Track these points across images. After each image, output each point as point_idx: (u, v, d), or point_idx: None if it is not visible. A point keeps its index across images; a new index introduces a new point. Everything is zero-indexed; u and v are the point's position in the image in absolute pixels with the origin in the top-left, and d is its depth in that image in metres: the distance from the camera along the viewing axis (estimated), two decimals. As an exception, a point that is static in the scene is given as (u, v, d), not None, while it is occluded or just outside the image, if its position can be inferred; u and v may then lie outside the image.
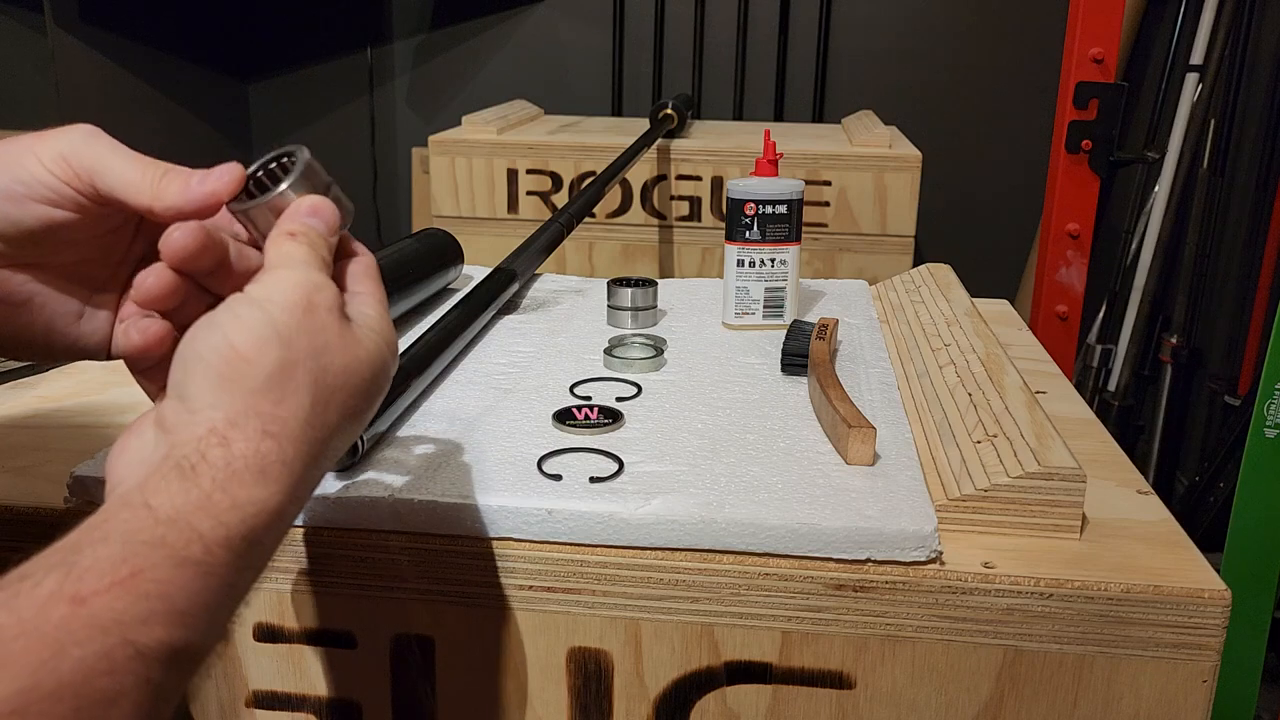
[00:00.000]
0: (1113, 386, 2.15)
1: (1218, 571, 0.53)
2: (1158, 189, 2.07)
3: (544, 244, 1.01)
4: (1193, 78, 2.02)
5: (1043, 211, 1.87)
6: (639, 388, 0.73)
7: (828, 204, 1.66)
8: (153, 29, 2.29)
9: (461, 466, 0.60)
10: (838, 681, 0.55)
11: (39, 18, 1.97)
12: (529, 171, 1.72)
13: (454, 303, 0.82)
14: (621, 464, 0.60)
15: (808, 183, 1.34)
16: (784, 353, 0.77)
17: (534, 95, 2.21)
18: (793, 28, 2.36)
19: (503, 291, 0.88)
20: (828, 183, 1.65)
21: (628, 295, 0.87)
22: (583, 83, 2.46)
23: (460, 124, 1.78)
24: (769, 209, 0.85)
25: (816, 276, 1.59)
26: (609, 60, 2.44)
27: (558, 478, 0.58)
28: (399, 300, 0.85)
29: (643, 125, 1.75)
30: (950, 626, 0.54)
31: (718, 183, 1.69)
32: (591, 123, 2.01)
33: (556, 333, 0.86)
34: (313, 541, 0.57)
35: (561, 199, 1.71)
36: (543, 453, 0.61)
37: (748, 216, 0.85)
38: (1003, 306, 1.03)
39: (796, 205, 0.86)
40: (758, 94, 2.41)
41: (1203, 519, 1.89)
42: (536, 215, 1.70)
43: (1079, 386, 2.08)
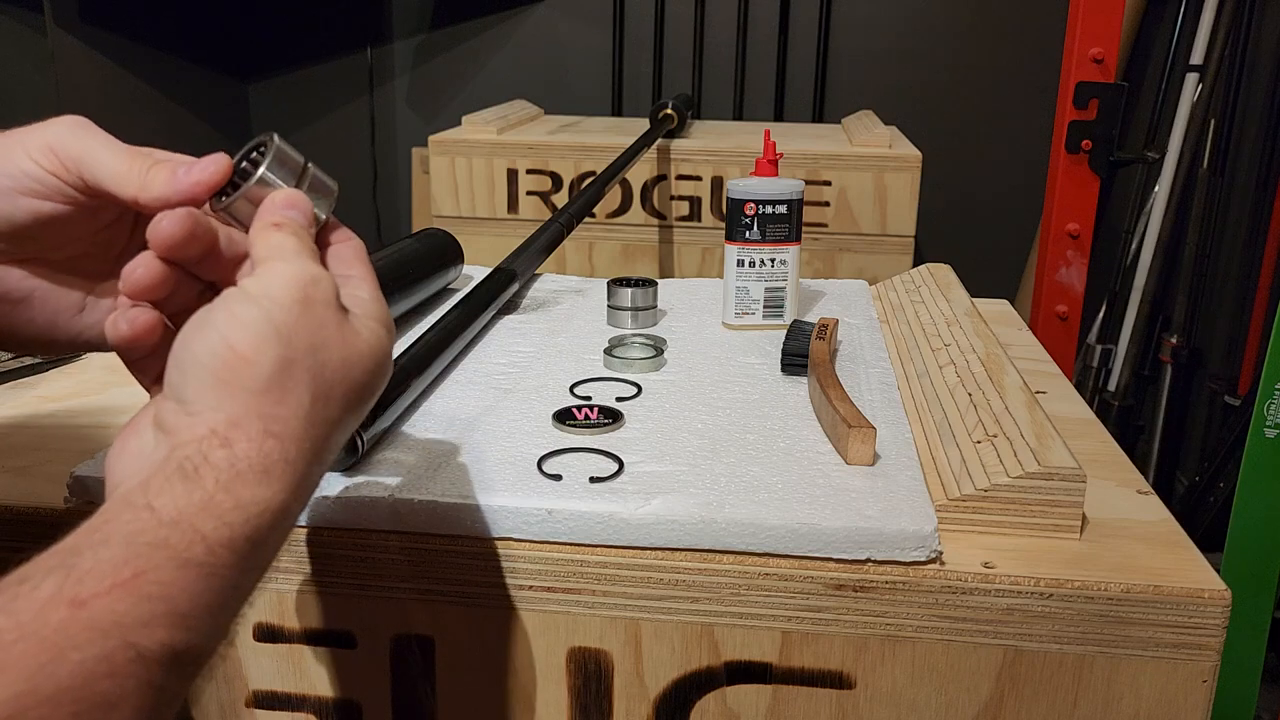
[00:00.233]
0: (1113, 386, 2.15)
1: (1218, 571, 0.53)
2: (1158, 189, 2.07)
3: (544, 244, 1.01)
4: (1193, 78, 2.02)
5: (1043, 211, 1.87)
6: (639, 388, 0.73)
7: (828, 204, 1.66)
8: (153, 29, 2.29)
9: (461, 466, 0.60)
10: (838, 681, 0.55)
11: (39, 18, 1.97)
12: (529, 171, 1.72)
13: (454, 303, 0.82)
14: (621, 464, 0.60)
15: (808, 183, 1.34)
16: (784, 353, 0.77)
17: (534, 95, 2.21)
18: (793, 28, 2.36)
19: (503, 291, 0.88)
20: (828, 183, 1.65)
21: (628, 295, 0.87)
22: (583, 83, 2.46)
23: (460, 124, 1.78)
24: (769, 209, 0.85)
25: (816, 276, 1.59)
26: (609, 60, 2.44)
27: (558, 478, 0.58)
28: (399, 300, 0.85)
29: (643, 125, 1.75)
30: (950, 626, 0.54)
31: (718, 183, 1.69)
32: (591, 123, 2.01)
33: (556, 333, 0.86)
34: (313, 541, 0.57)
35: (561, 199, 1.71)
36: (543, 453, 0.61)
37: (748, 216, 0.85)
38: (1003, 306, 1.03)
39: (796, 205, 0.86)
40: (758, 94, 2.41)
41: (1203, 519, 1.89)
42: (536, 215, 1.70)
43: (1079, 386, 2.07)
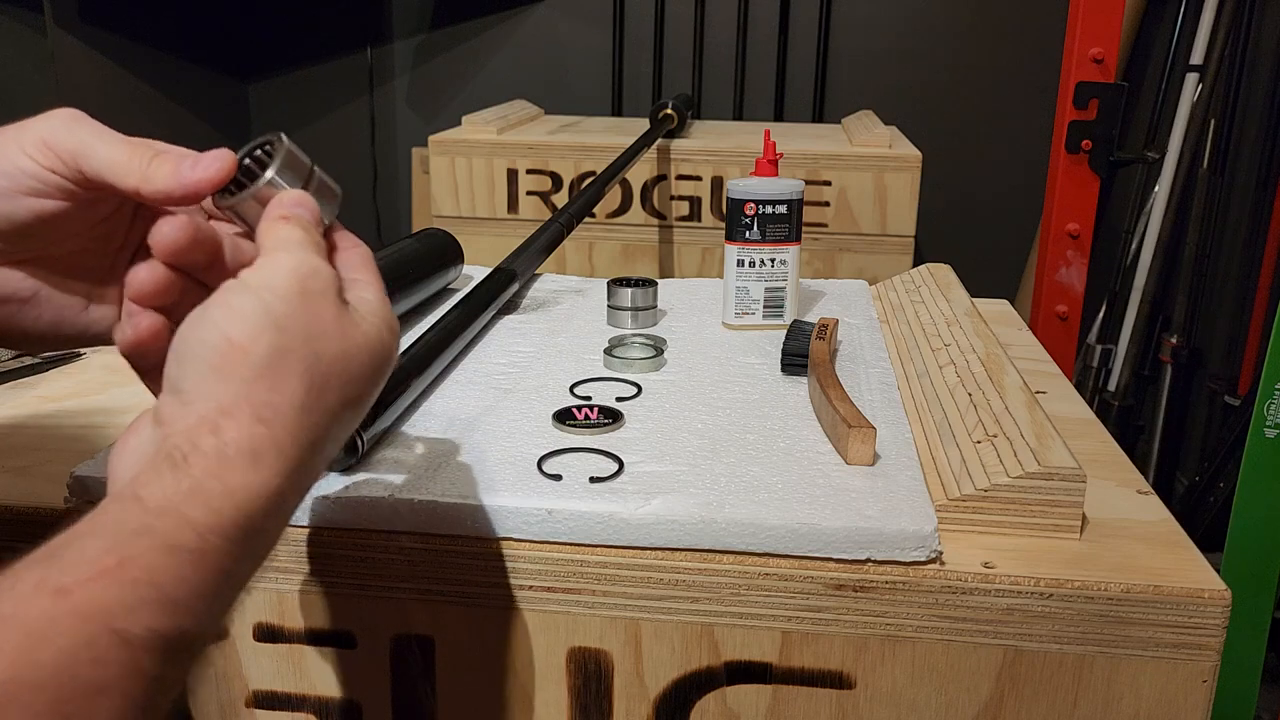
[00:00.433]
0: (1113, 386, 2.15)
1: (1218, 571, 0.53)
2: (1158, 189, 2.07)
3: (544, 244, 1.01)
4: (1193, 78, 2.02)
5: (1043, 211, 1.87)
6: (639, 388, 0.73)
7: (828, 204, 1.66)
8: (153, 29, 2.29)
9: (461, 466, 0.60)
10: (838, 681, 0.55)
11: (39, 18, 1.97)
12: (529, 171, 1.72)
13: (454, 303, 0.82)
14: (621, 464, 0.60)
15: (808, 183, 1.34)
16: (784, 353, 0.77)
17: (534, 95, 2.21)
18: (793, 28, 2.36)
19: (503, 291, 0.88)
20: (828, 183, 1.65)
21: (628, 295, 0.87)
22: (583, 83, 2.46)
23: (460, 124, 1.78)
24: (769, 209, 0.85)
25: (816, 276, 1.59)
26: (609, 60, 2.44)
27: (558, 478, 0.58)
28: (399, 300, 0.85)
29: (643, 125, 1.75)
30: (950, 626, 0.54)
31: (718, 183, 1.69)
32: (591, 123, 2.01)
33: (556, 333, 0.86)
34: (313, 541, 0.57)
35: (561, 199, 1.71)
36: (543, 453, 0.61)
37: (748, 216, 0.85)
38: (1003, 306, 1.03)
39: (796, 205, 0.86)
40: (758, 94, 2.41)
41: (1203, 519, 1.89)
42: (536, 215, 1.70)
43: (1079, 386, 2.07)
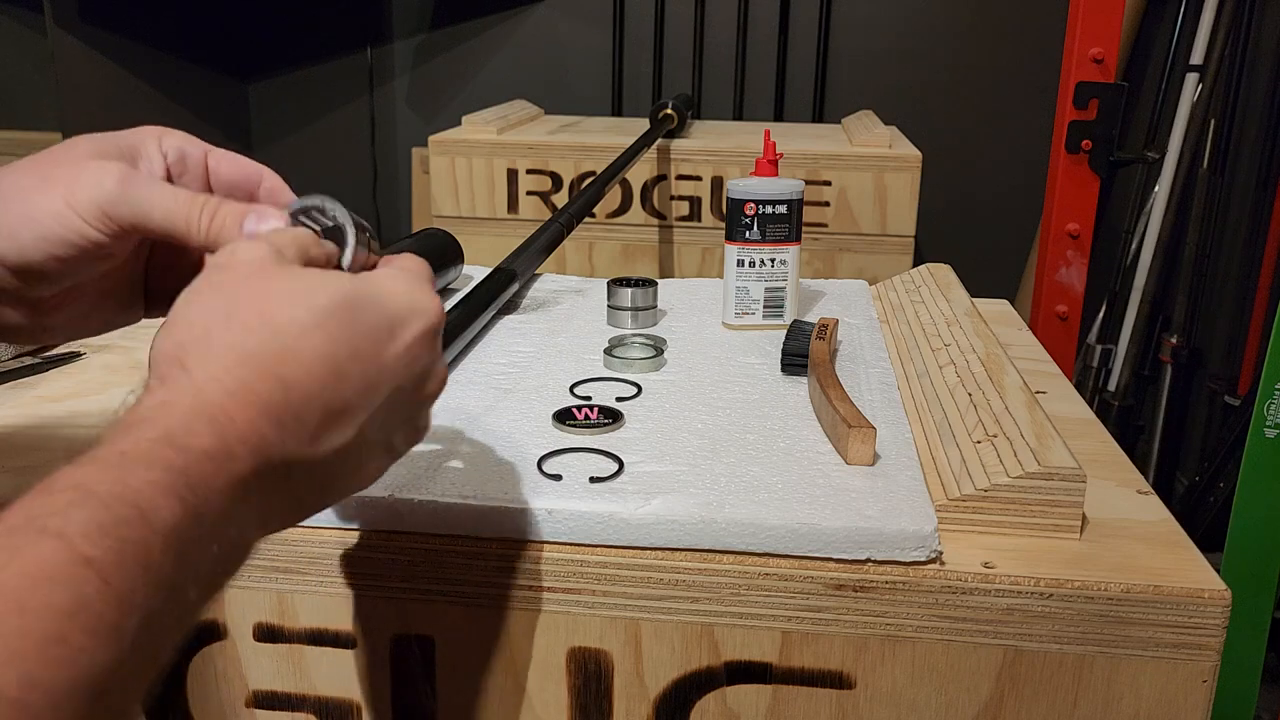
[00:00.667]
0: (1113, 386, 2.15)
1: (1218, 571, 0.53)
2: (1158, 189, 2.07)
3: (544, 244, 1.01)
4: (1193, 78, 2.02)
5: (1043, 211, 1.87)
6: (639, 388, 0.73)
7: (828, 204, 1.66)
8: (153, 29, 2.29)
9: (461, 467, 0.60)
10: (838, 681, 0.55)
11: (39, 18, 1.97)
12: (529, 171, 1.72)
13: (454, 303, 0.82)
14: (621, 464, 0.60)
15: (808, 183, 1.34)
16: (784, 353, 0.77)
17: (534, 95, 2.21)
18: (793, 28, 2.36)
19: (503, 291, 0.88)
20: (828, 183, 1.65)
21: (628, 295, 0.87)
22: (583, 83, 2.46)
23: (460, 124, 1.78)
24: (769, 209, 0.85)
25: (816, 276, 1.59)
26: (609, 60, 2.44)
27: (558, 478, 0.58)
28: (399, 300, 0.85)
29: (643, 125, 1.75)
30: (950, 626, 0.54)
31: (718, 183, 1.69)
32: (591, 123, 2.01)
33: (556, 333, 0.86)
34: (313, 541, 0.57)
35: (561, 199, 1.71)
36: (543, 453, 0.61)
37: (748, 216, 0.85)
38: (1003, 306, 1.03)
39: (796, 205, 0.86)
40: (758, 94, 2.41)
41: (1203, 519, 1.89)
42: (536, 215, 1.70)
43: (1079, 386, 2.07)
